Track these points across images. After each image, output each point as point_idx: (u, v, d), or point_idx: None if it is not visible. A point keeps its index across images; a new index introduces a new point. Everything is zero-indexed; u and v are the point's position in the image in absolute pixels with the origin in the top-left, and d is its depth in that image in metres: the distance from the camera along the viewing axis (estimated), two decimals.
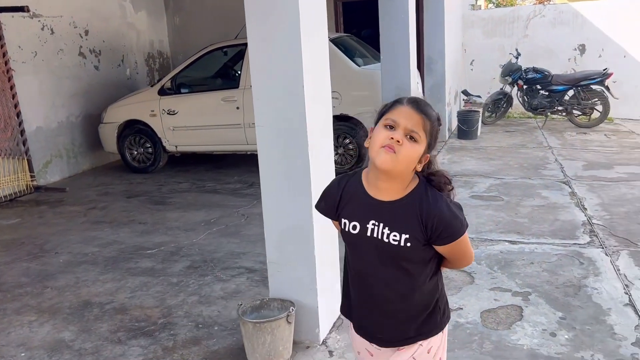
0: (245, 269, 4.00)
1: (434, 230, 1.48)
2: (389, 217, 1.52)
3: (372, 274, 1.60)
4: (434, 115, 1.51)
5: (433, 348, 1.66)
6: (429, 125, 1.48)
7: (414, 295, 1.58)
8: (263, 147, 2.84)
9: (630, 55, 9.76)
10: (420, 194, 1.51)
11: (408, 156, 1.46)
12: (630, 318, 3.06)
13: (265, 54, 2.71)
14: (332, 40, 6.39)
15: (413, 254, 1.53)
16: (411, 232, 1.50)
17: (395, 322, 1.63)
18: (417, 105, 1.49)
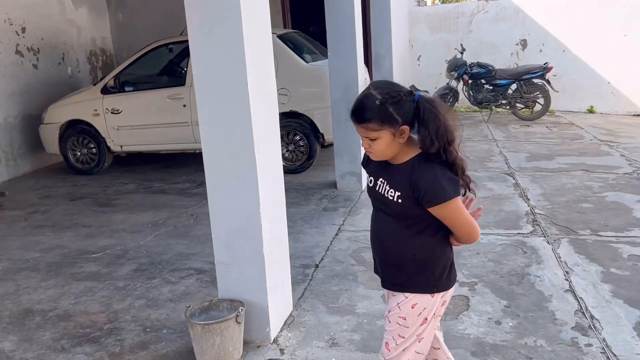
0: (194, 270, 3.94)
1: (418, 192, 1.73)
2: (390, 176, 1.82)
3: (379, 221, 1.93)
4: (373, 110, 1.70)
5: (418, 306, 1.87)
6: (374, 123, 1.71)
7: (404, 245, 1.85)
8: (208, 146, 2.80)
9: (569, 50, 10.13)
10: (414, 162, 1.77)
11: (380, 150, 1.77)
12: (570, 303, 3.18)
13: (206, 51, 2.67)
14: (280, 37, 6.36)
15: (404, 210, 1.79)
16: (402, 191, 1.77)
17: (389, 266, 1.93)
18: (356, 118, 1.75)
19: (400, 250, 1.87)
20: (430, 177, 1.72)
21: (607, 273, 3.53)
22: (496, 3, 10.83)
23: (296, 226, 4.67)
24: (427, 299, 1.87)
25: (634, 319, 2.97)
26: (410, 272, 1.87)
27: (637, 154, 6.72)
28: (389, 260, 1.93)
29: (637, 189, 5.27)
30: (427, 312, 1.88)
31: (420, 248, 1.85)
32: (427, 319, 1.89)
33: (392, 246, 1.89)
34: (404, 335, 1.89)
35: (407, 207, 1.78)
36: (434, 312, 1.89)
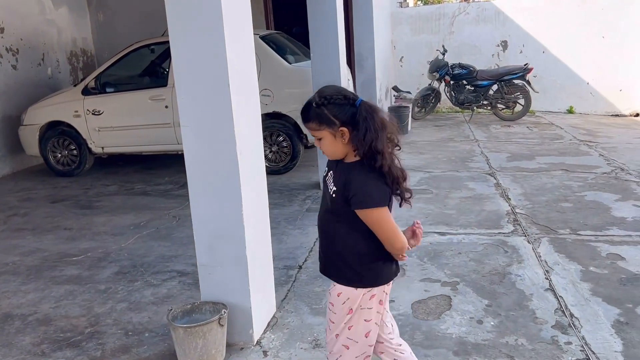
0: (177, 273, 3.92)
1: (347, 192, 1.84)
2: (335, 171, 1.94)
3: (321, 209, 2.06)
4: (313, 112, 1.87)
5: (343, 295, 1.98)
6: (313, 124, 1.88)
7: (335, 237, 1.98)
8: (189, 148, 2.78)
9: (549, 51, 10.27)
10: (355, 164, 1.89)
11: (326, 148, 1.92)
12: (551, 302, 3.22)
13: (187, 51, 2.66)
14: (263, 38, 6.35)
15: (337, 205, 1.91)
16: (337, 187, 1.90)
17: (324, 253, 2.06)
18: (303, 118, 1.92)
19: (331, 241, 2.00)
20: (360, 181, 1.84)
21: (586, 272, 3.58)
22: (477, 5, 10.94)
23: (279, 227, 4.66)
24: (353, 292, 1.97)
25: (612, 317, 3.02)
26: (338, 263, 1.99)
27: (616, 153, 6.84)
28: (323, 248, 2.06)
29: (616, 188, 5.35)
30: (350, 302, 1.98)
31: (348, 244, 1.95)
32: (352, 310, 1.98)
33: (326, 236, 2.03)
34: (333, 320, 2.04)
35: (339, 203, 1.90)
36: (358, 304, 1.97)
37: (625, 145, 7.36)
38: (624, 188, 5.35)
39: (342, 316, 2.00)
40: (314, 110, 1.87)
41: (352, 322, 2.00)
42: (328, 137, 1.88)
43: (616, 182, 5.56)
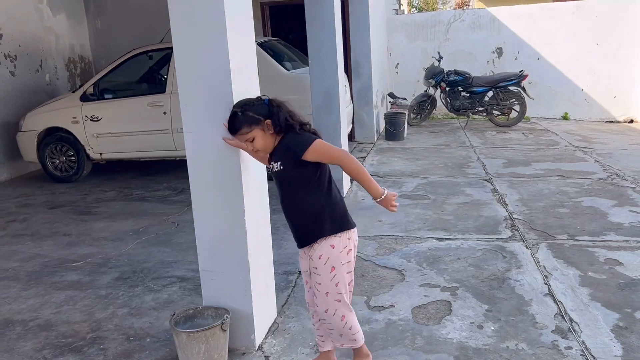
0: (177, 278, 3.93)
1: (291, 149, 2.30)
2: (272, 157, 2.41)
3: (280, 194, 2.46)
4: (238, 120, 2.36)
5: (324, 256, 2.38)
6: (243, 129, 2.35)
7: (298, 204, 2.40)
8: (192, 153, 2.80)
9: (544, 58, 10.36)
10: (282, 139, 2.38)
11: (260, 145, 2.37)
12: (550, 307, 3.25)
13: (191, 58, 2.68)
14: (260, 44, 6.39)
15: (287, 175, 2.36)
16: (281, 159, 2.34)
17: (296, 226, 2.48)
18: (232, 132, 2.42)
19: (299, 211, 2.41)
20: (292, 138, 2.34)
21: (585, 277, 3.61)
22: (472, 12, 11.03)
23: (278, 233, 4.67)
24: (328, 249, 2.37)
25: (611, 322, 3.05)
26: (314, 225, 2.38)
27: (611, 159, 6.89)
28: (295, 224, 2.47)
29: (612, 194, 5.40)
30: (331, 261, 2.38)
31: (312, 203, 2.37)
32: (334, 267, 2.39)
33: (293, 211, 2.44)
34: (320, 282, 2.42)
35: (288, 171, 2.34)
36: (339, 260, 2.39)
37: (620, 151, 7.42)
38: (620, 194, 5.40)
39: (327, 275, 2.39)
40: (239, 117, 2.34)
41: (337, 278, 2.40)
42: (259, 133, 2.33)
43: (612, 188, 5.60)
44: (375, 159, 7.37)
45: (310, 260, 2.45)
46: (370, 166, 6.91)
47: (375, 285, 3.65)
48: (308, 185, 2.36)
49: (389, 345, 2.90)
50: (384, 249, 4.23)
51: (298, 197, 2.38)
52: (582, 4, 10.10)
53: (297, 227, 2.47)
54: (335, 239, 2.38)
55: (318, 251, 2.39)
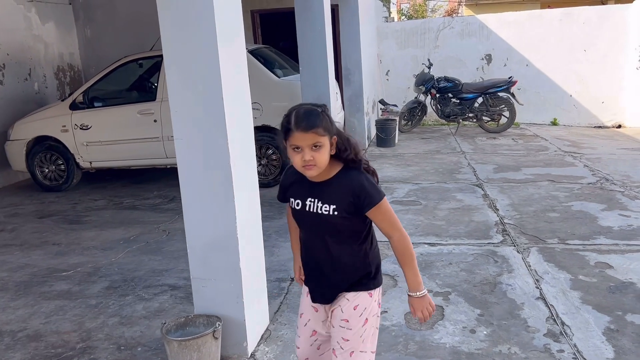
0: (168, 287, 3.90)
1: (357, 198, 1.84)
2: (321, 193, 1.90)
3: (314, 242, 1.98)
4: (319, 118, 1.80)
5: (360, 306, 1.97)
6: (321, 129, 1.79)
7: (341, 259, 1.94)
8: (183, 160, 2.79)
9: (532, 64, 10.44)
10: (342, 174, 1.89)
11: (323, 160, 1.82)
12: (542, 311, 3.25)
13: (181, 65, 2.67)
14: (251, 52, 6.39)
15: (339, 221, 1.88)
16: (337, 203, 1.86)
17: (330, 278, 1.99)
18: (304, 127, 1.79)
19: (337, 263, 1.95)
20: (364, 182, 1.86)
21: (575, 280, 3.63)
22: (462, 19, 11.11)
23: (270, 240, 4.67)
24: (365, 299, 1.98)
25: (602, 325, 3.06)
26: (350, 278, 1.98)
27: (600, 164, 6.95)
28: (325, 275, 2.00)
29: (601, 198, 5.44)
30: (367, 312, 1.98)
31: (356, 256, 1.96)
32: (367, 320, 1.99)
33: (330, 262, 1.97)
34: (347, 337, 1.98)
35: (342, 218, 1.88)
36: (372, 312, 2.00)
37: (609, 156, 7.48)
38: (610, 198, 5.44)
39: (359, 329, 1.98)
40: (320, 116, 1.81)
41: (367, 333, 2.00)
42: (326, 145, 1.82)
43: (602, 192, 5.64)
44: None
45: (337, 311, 2.01)
46: None
47: None
48: (359, 236, 1.94)
49: (382, 351, 2.89)
50: None
51: (344, 248, 1.94)
52: (569, 10, 10.21)
53: (333, 279, 1.99)
54: (375, 291, 2.01)
55: (352, 302, 1.97)
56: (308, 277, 2.09)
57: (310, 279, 2.08)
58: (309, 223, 1.97)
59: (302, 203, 1.94)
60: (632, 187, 5.78)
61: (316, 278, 2.04)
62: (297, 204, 1.97)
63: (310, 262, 2.04)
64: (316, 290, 2.05)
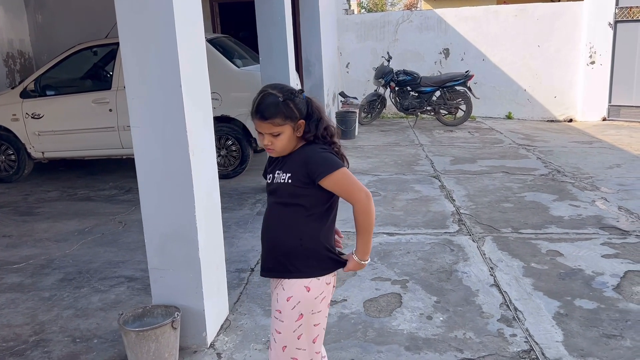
0: (125, 278, 3.83)
1: (309, 168, 1.87)
2: (283, 166, 1.95)
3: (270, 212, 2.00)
4: (278, 109, 1.84)
5: (293, 299, 1.91)
6: (278, 119, 1.84)
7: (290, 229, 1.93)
8: (140, 149, 2.74)
9: (488, 59, 10.67)
10: (302, 148, 1.93)
11: (282, 145, 1.89)
12: (496, 297, 3.35)
13: (138, 52, 2.62)
14: (210, 41, 6.31)
15: (294, 190, 1.90)
16: (292, 172, 1.90)
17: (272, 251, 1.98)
18: (262, 115, 1.85)
19: (287, 234, 1.93)
20: (319, 154, 1.90)
21: (528, 268, 3.75)
22: (420, 13, 11.25)
23: (230, 231, 4.64)
24: (302, 292, 1.91)
25: (553, 310, 3.17)
26: (298, 256, 1.92)
27: (552, 156, 7.17)
28: (274, 245, 1.97)
29: (553, 189, 5.62)
30: (301, 306, 1.92)
31: (307, 231, 1.92)
32: (302, 315, 1.92)
33: (280, 230, 1.95)
34: (280, 330, 1.94)
35: (296, 186, 1.89)
36: (309, 308, 1.93)
37: (560, 148, 7.73)
38: (561, 189, 5.63)
39: (291, 324, 1.91)
40: (280, 105, 1.84)
41: (302, 329, 1.92)
42: (288, 131, 1.86)
43: (553, 184, 5.83)
44: None
45: (273, 298, 1.99)
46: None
47: None
48: (311, 212, 1.91)
49: (341, 339, 2.93)
50: None
51: (294, 220, 1.92)
52: (524, 7, 10.46)
53: (275, 252, 1.96)
54: (313, 282, 1.92)
55: (287, 291, 1.92)
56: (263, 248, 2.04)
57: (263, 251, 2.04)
58: (271, 195, 2.00)
59: (271, 178, 1.99)
60: (581, 179, 6.00)
61: (265, 247, 2.01)
62: (269, 177, 2.01)
63: (264, 229, 2.02)
64: (262, 260, 2.04)
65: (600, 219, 4.66)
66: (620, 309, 3.16)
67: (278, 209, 1.96)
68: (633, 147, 7.64)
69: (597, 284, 3.47)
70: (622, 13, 9.70)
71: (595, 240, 4.19)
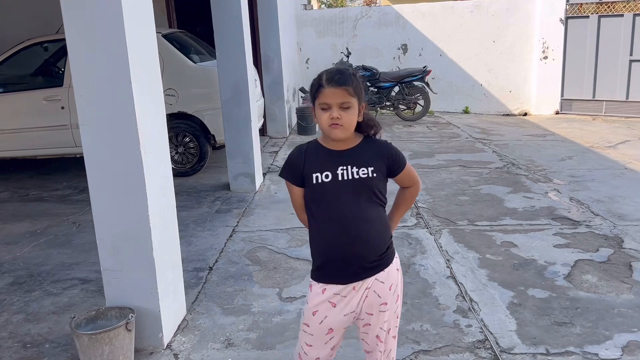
0: (78, 280, 3.73)
1: (393, 161, 1.91)
2: (354, 159, 1.86)
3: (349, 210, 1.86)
4: (352, 78, 1.82)
5: (393, 285, 1.95)
6: (351, 89, 1.80)
7: (379, 224, 1.91)
8: (89, 147, 2.67)
9: (446, 54, 10.82)
10: (370, 142, 1.92)
11: (350, 121, 1.82)
12: (452, 289, 3.41)
13: (85, 46, 2.55)
14: (165, 36, 6.20)
15: (375, 185, 1.87)
16: (375, 165, 1.86)
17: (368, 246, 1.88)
18: (336, 82, 1.79)
19: (377, 230, 1.90)
20: (393, 148, 1.95)
21: (483, 259, 3.83)
22: (379, 9, 11.32)
23: (188, 230, 4.57)
24: (394, 274, 1.97)
25: (507, 300, 3.25)
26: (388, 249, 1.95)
27: (507, 150, 7.33)
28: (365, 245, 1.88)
29: (508, 181, 5.75)
30: (398, 288, 1.99)
31: (385, 222, 1.97)
32: (399, 295, 2.01)
33: (369, 228, 1.87)
34: (387, 319, 1.97)
35: (378, 181, 1.87)
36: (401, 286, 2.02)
37: (515, 142, 7.92)
38: (515, 181, 5.76)
39: (394, 308, 1.98)
40: (351, 76, 1.82)
41: (399, 308, 2.02)
42: (355, 109, 1.82)
43: (508, 176, 5.97)
44: (287, 153, 7.37)
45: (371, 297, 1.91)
46: (283, 160, 6.91)
47: (287, 276, 3.66)
48: (383, 202, 1.93)
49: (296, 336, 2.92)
50: (297, 240, 4.25)
51: (378, 213, 1.90)
52: (479, 2, 10.65)
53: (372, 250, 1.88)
54: (397, 260, 2.00)
55: (387, 282, 1.92)
56: (328, 259, 1.90)
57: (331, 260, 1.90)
58: (340, 193, 1.85)
59: (332, 174, 1.85)
60: (535, 171, 6.16)
61: (342, 252, 1.87)
62: (325, 176, 1.85)
63: (334, 237, 1.87)
64: (341, 268, 1.88)
65: (553, 210, 4.80)
66: (571, 297, 3.26)
67: (358, 205, 1.86)
68: (584, 140, 7.89)
69: (549, 274, 3.57)
70: (573, 9, 9.98)
71: (548, 231, 4.31)
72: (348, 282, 1.89)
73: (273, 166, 6.71)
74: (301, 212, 2.02)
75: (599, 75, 9.88)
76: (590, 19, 9.79)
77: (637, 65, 9.52)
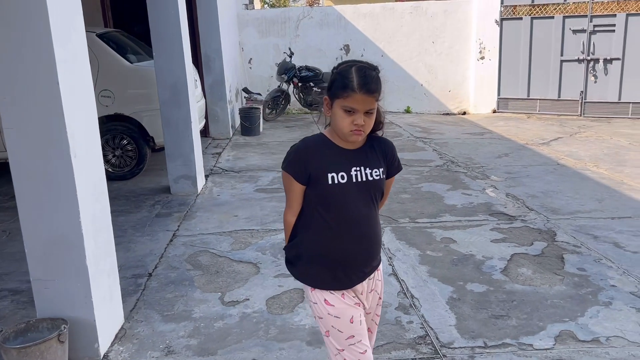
0: (8, 291, 3.55)
1: (393, 161, 1.92)
2: (364, 160, 1.83)
3: (360, 212, 1.83)
4: (380, 83, 1.76)
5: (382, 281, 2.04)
6: (378, 95, 1.75)
7: (376, 224, 1.90)
8: (15, 152, 2.55)
9: (387, 55, 10.97)
10: (373, 140, 1.89)
11: (370, 126, 1.79)
12: (394, 286, 3.45)
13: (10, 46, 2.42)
14: (100, 36, 6.00)
15: (380, 187, 1.87)
16: (383, 167, 1.87)
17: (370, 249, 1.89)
18: (369, 90, 1.71)
19: (374, 231, 1.90)
20: (394, 148, 1.96)
21: (424, 256, 3.90)
22: (320, 9, 11.36)
23: (126, 235, 4.44)
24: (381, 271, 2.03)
25: (446, 295, 3.32)
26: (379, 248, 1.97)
27: (447, 148, 7.51)
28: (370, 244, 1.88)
29: (447, 179, 5.89)
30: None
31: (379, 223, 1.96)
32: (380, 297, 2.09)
33: (374, 230, 1.88)
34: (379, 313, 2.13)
35: (383, 180, 1.88)
36: None
37: (454, 140, 8.12)
38: (454, 179, 5.90)
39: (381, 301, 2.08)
40: (379, 81, 1.75)
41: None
42: (374, 116, 1.79)
43: (448, 174, 6.11)
44: (231, 154, 7.29)
45: (374, 294, 1.99)
46: (226, 162, 6.82)
47: (230, 280, 3.61)
48: (380, 202, 1.93)
49: (243, 339, 2.89)
50: (240, 243, 4.19)
51: (376, 213, 1.90)
52: (418, 4, 10.86)
53: (375, 250, 1.91)
54: None
55: (380, 277, 2.01)
56: (342, 263, 1.84)
57: (346, 264, 1.85)
58: (354, 195, 1.80)
59: (347, 175, 1.78)
60: (473, 168, 6.33)
61: (358, 255, 1.86)
62: (341, 177, 1.78)
63: (351, 241, 1.83)
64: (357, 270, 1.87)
65: (490, 206, 4.94)
66: (507, 290, 3.36)
67: (369, 206, 1.84)
68: (519, 137, 8.18)
69: (487, 268, 3.68)
70: (507, 11, 10.33)
71: (485, 226, 4.44)
72: (361, 281, 1.90)
73: (216, 168, 6.61)
74: (295, 212, 1.90)
75: (533, 74, 10.27)
76: (524, 20, 10.16)
77: (567, 65, 9.95)
